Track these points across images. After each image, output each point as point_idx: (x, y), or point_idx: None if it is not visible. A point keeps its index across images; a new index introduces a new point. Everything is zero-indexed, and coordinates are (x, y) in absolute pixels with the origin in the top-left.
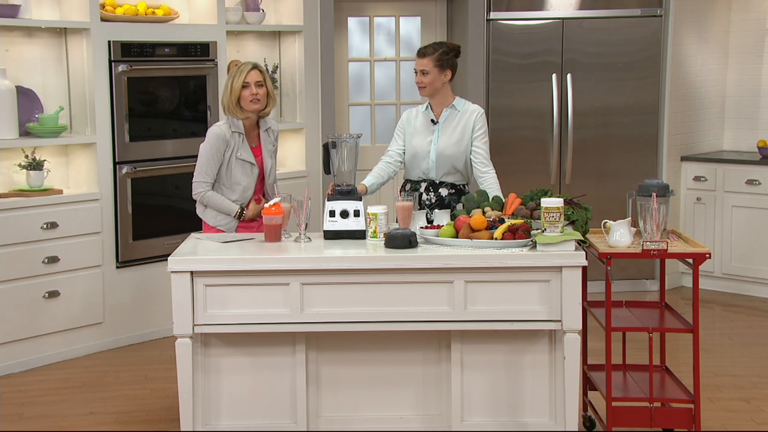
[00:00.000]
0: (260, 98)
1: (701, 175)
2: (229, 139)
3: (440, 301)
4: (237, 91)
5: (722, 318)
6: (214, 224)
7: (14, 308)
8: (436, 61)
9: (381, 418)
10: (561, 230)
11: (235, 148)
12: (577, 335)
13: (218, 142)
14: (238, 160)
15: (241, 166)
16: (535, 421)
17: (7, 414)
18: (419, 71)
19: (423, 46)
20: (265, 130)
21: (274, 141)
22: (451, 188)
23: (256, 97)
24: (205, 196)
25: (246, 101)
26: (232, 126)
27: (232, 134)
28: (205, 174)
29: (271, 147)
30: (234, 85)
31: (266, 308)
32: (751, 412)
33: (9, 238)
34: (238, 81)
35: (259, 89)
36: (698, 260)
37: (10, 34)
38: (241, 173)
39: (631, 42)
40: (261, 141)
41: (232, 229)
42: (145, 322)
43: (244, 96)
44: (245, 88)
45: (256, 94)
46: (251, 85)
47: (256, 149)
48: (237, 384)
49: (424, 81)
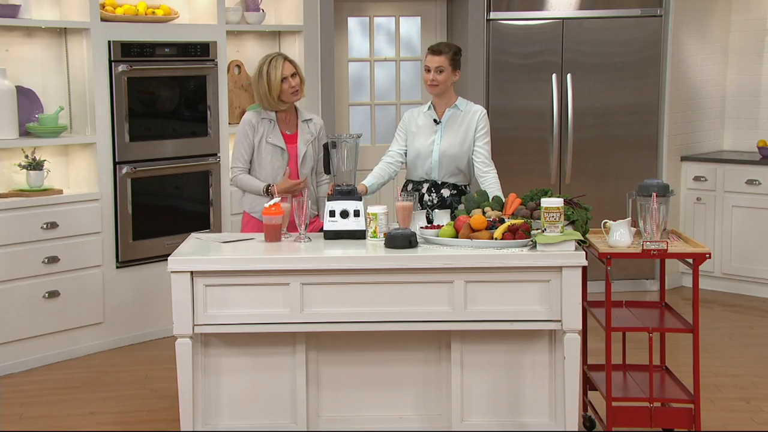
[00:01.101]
0: (298, 89)
1: (701, 175)
2: (257, 125)
3: (440, 301)
4: (278, 87)
5: (722, 318)
6: (250, 210)
7: (14, 308)
8: (450, 59)
9: (381, 418)
10: (561, 230)
11: (265, 133)
12: (577, 335)
13: (245, 127)
14: (268, 144)
15: (272, 150)
16: (535, 421)
17: (7, 414)
18: (434, 69)
19: (436, 43)
20: (304, 120)
21: (315, 132)
22: (453, 189)
23: (294, 89)
24: (237, 178)
25: (287, 94)
26: (263, 113)
27: (261, 120)
28: (236, 159)
29: (308, 136)
30: (273, 81)
31: (266, 308)
32: (751, 412)
33: (9, 238)
34: (276, 76)
35: (294, 80)
36: (698, 260)
37: (10, 34)
38: (271, 157)
39: (631, 42)
40: (299, 130)
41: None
42: (145, 322)
43: (284, 90)
44: (284, 82)
45: (294, 86)
46: (288, 78)
47: (292, 136)
48: (237, 384)
49: (438, 79)
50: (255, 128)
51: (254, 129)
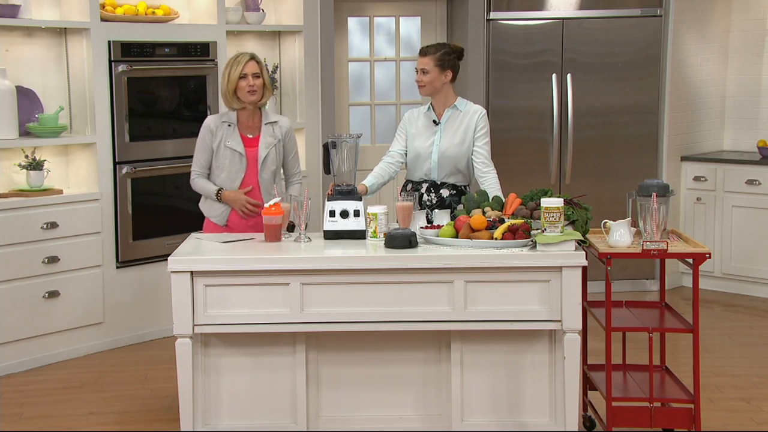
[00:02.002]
0: (256, 89)
1: (701, 175)
2: (215, 130)
3: (440, 301)
4: (234, 82)
5: (722, 318)
6: (207, 214)
7: (14, 308)
8: (437, 60)
9: (381, 418)
10: (561, 230)
11: (223, 137)
12: (577, 335)
13: (204, 132)
14: (227, 148)
15: (230, 154)
16: (535, 421)
17: (7, 414)
18: (419, 70)
19: (426, 45)
20: (267, 123)
21: (280, 136)
22: (453, 189)
23: (252, 89)
24: (193, 181)
25: (243, 92)
26: (223, 117)
27: (221, 124)
28: (194, 163)
29: (271, 139)
30: (231, 75)
31: (266, 308)
32: (751, 412)
33: (9, 238)
34: (235, 72)
35: (256, 80)
36: (698, 260)
37: (10, 34)
38: (228, 161)
39: (631, 42)
40: (261, 133)
41: (223, 219)
42: (145, 322)
43: (240, 87)
44: (242, 79)
45: (252, 86)
46: (248, 76)
47: (253, 140)
48: (237, 384)
49: (424, 80)
50: (213, 133)
51: (212, 133)
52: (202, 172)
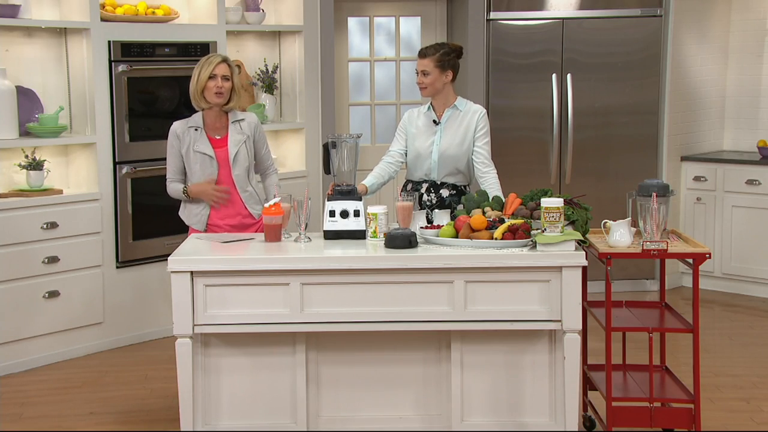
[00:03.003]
0: (224, 92)
1: (701, 175)
2: (182, 135)
3: (440, 301)
4: (203, 82)
5: (722, 318)
6: (187, 221)
7: (14, 308)
8: (437, 61)
9: (381, 418)
10: (561, 230)
11: (192, 142)
12: (577, 335)
13: (171, 138)
14: (197, 153)
15: (200, 158)
16: (535, 421)
17: (7, 414)
18: (420, 72)
19: (425, 46)
20: (234, 122)
21: (248, 132)
22: (452, 189)
23: (220, 90)
24: (167, 187)
25: (210, 93)
26: (189, 122)
27: (187, 129)
28: (168, 170)
29: (240, 137)
30: (201, 75)
31: (266, 308)
32: (751, 412)
33: (9, 238)
34: (205, 72)
35: (225, 83)
36: (698, 260)
37: (10, 34)
38: (199, 165)
39: (631, 42)
40: (228, 133)
41: (202, 224)
42: (145, 322)
43: (208, 87)
44: (211, 80)
45: (220, 87)
46: (218, 77)
47: (221, 140)
48: (237, 384)
49: (425, 81)
50: (180, 138)
51: (179, 139)
52: (176, 178)
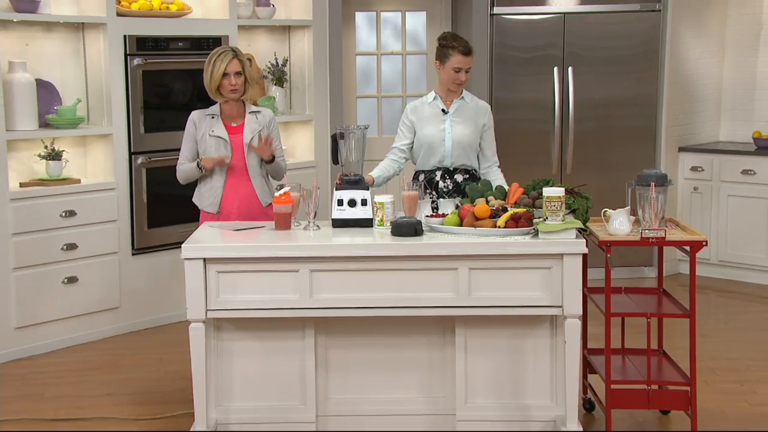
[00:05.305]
0: (238, 88)
1: (698, 166)
2: (199, 122)
3: (445, 288)
4: (216, 80)
5: (718, 303)
6: (200, 205)
7: (35, 293)
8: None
9: (387, 400)
10: (562, 219)
11: (208, 128)
12: (577, 320)
13: (188, 125)
14: (212, 137)
15: (215, 141)
16: (537, 404)
17: (29, 393)
18: (465, 69)
19: (467, 42)
20: (251, 112)
21: (264, 123)
22: (466, 174)
23: (234, 87)
24: (177, 169)
25: (225, 90)
26: (207, 111)
27: (204, 117)
28: (181, 155)
29: (256, 126)
30: (214, 74)
31: (276, 294)
32: (745, 394)
33: (29, 225)
34: (218, 71)
35: (238, 79)
36: (695, 248)
37: (30, 28)
38: (214, 148)
39: (631, 36)
40: (245, 121)
41: (215, 206)
42: (159, 307)
43: (223, 85)
44: (224, 78)
45: (234, 85)
46: (230, 75)
47: (237, 128)
48: (248, 367)
49: (466, 77)
50: (197, 126)
51: (195, 126)
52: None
